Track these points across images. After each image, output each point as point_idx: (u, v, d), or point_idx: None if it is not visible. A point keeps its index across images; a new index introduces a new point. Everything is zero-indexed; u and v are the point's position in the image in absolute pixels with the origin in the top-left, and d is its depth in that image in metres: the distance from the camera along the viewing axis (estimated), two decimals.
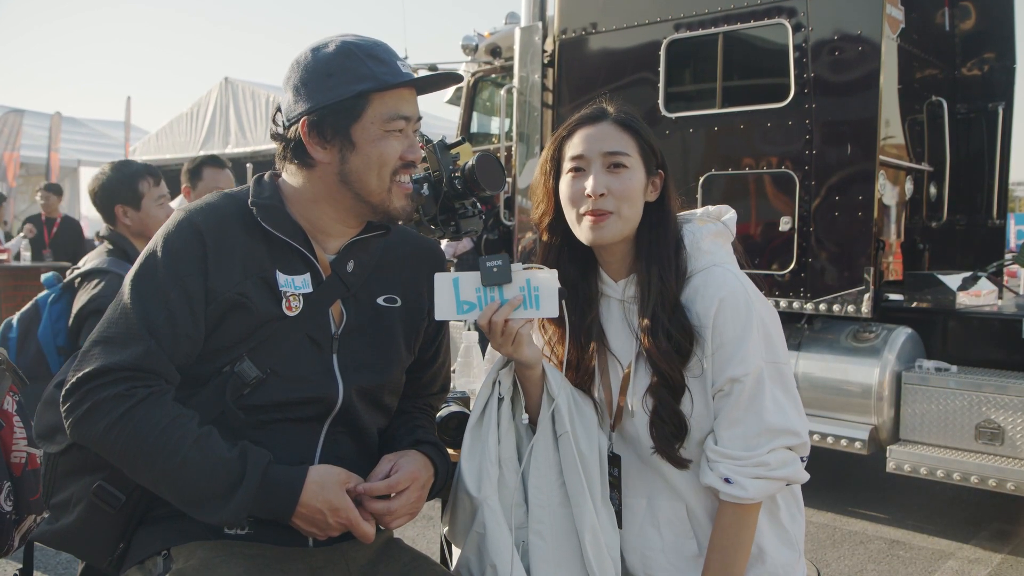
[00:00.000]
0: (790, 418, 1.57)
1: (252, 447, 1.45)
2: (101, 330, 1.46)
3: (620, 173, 1.62)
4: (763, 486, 1.56)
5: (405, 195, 1.60)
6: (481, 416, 1.66)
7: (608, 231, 1.61)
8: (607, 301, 1.73)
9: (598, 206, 1.60)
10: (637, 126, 1.66)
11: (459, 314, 1.58)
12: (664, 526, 1.67)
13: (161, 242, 1.50)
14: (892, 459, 4.17)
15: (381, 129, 1.53)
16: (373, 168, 1.54)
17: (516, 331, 1.56)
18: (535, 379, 1.65)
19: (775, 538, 1.66)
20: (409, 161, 1.58)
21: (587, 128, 1.66)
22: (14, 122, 19.40)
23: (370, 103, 1.52)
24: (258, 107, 20.85)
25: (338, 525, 1.44)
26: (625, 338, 1.69)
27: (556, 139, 1.71)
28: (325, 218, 1.60)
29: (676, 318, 1.59)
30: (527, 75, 5.52)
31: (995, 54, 5.38)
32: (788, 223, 4.46)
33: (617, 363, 1.70)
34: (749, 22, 4.64)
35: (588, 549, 1.59)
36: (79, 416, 1.40)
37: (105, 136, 27.51)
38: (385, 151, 1.54)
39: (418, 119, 1.62)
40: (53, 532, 1.55)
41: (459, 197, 2.16)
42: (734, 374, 1.56)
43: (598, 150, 1.63)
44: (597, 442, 1.66)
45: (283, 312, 1.52)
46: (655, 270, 1.62)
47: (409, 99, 1.58)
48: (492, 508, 1.59)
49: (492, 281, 1.55)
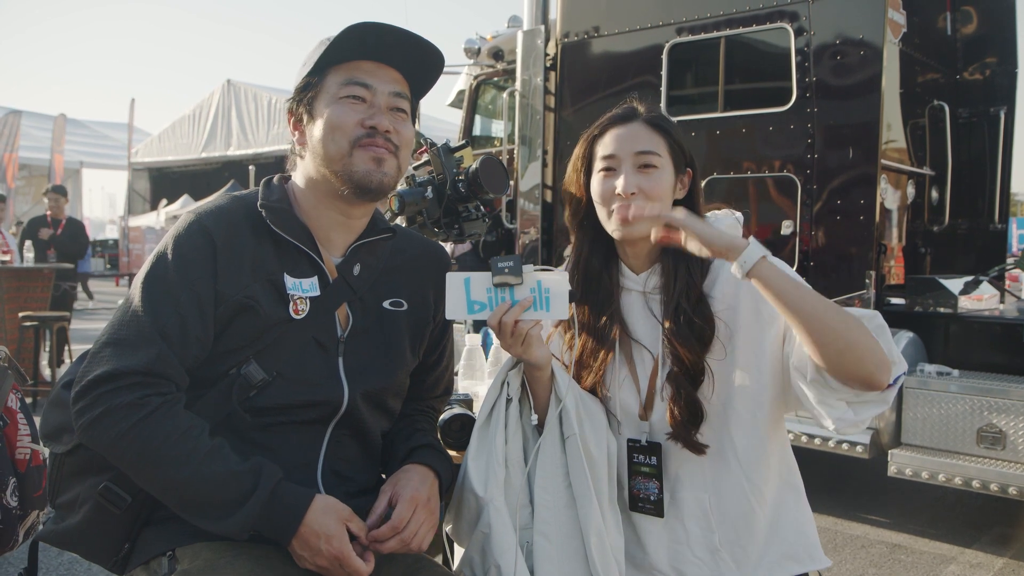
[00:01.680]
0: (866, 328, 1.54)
1: (266, 462, 1.45)
2: (111, 332, 1.46)
3: (650, 173, 1.66)
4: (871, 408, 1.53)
5: (371, 159, 1.55)
6: (489, 416, 1.67)
7: (638, 227, 1.65)
8: (628, 294, 1.76)
9: (629, 203, 1.64)
10: (667, 126, 1.70)
11: (469, 314, 1.58)
12: (688, 519, 1.68)
13: (171, 244, 1.50)
14: (893, 463, 4.16)
15: (335, 96, 1.55)
16: (329, 133, 1.55)
17: (526, 332, 1.56)
18: (544, 381, 1.66)
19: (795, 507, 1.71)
20: (370, 128, 1.55)
21: (618, 128, 1.70)
22: (13, 123, 19.45)
23: (327, 75, 1.56)
24: (260, 109, 20.91)
25: (328, 554, 1.42)
26: (651, 328, 1.72)
27: (588, 137, 1.75)
28: (322, 208, 1.60)
29: (700, 308, 1.64)
30: (529, 78, 5.54)
31: (997, 58, 5.38)
32: (790, 227, 4.46)
33: (645, 352, 1.72)
34: (751, 26, 4.65)
35: (593, 551, 1.59)
36: (90, 421, 1.40)
37: (108, 138, 27.56)
38: (337, 114, 1.54)
39: (396, 95, 1.59)
40: (58, 532, 1.55)
41: (462, 200, 2.17)
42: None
43: (629, 150, 1.67)
44: (606, 444, 1.67)
45: (290, 315, 1.53)
46: (683, 264, 1.67)
47: (371, 70, 1.57)
48: (498, 508, 1.60)
49: (503, 282, 1.56)
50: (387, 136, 1.56)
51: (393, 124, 1.58)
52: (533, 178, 5.56)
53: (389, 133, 1.57)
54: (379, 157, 1.56)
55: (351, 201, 1.59)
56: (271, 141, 20.12)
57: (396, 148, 1.59)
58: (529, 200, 5.59)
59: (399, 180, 1.65)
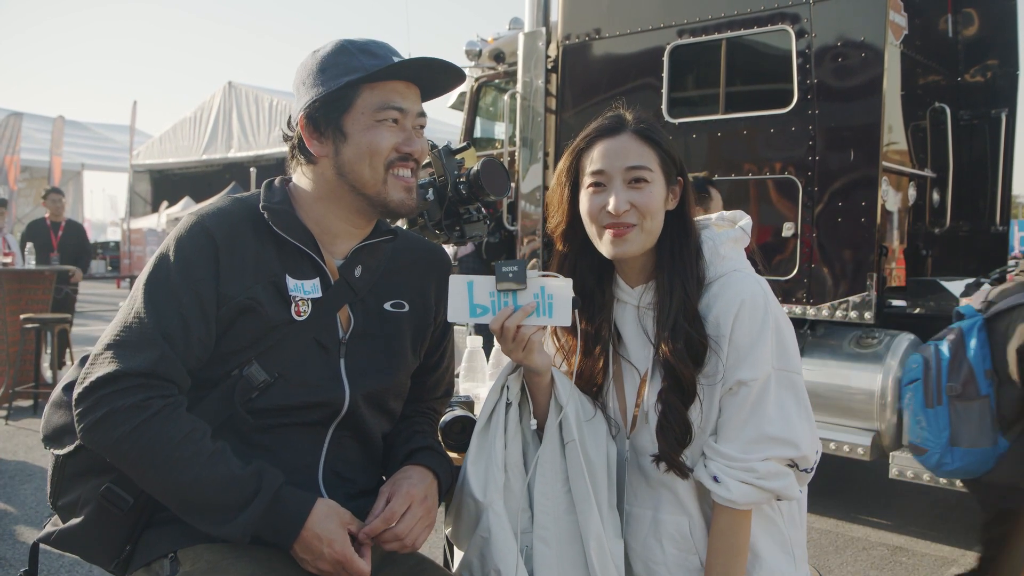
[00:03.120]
0: (793, 428, 1.55)
1: (267, 467, 1.45)
2: (113, 333, 1.46)
3: (642, 188, 1.60)
4: (749, 492, 1.54)
5: (404, 188, 1.59)
6: (488, 421, 1.66)
7: (631, 245, 1.60)
8: (622, 307, 1.72)
9: (621, 220, 1.59)
10: (656, 137, 1.63)
11: (472, 317, 1.58)
12: (667, 540, 1.65)
13: (173, 246, 1.50)
14: (895, 465, 4.16)
15: (371, 119, 1.55)
16: (365, 158, 1.55)
17: (528, 338, 1.56)
18: (544, 386, 1.65)
19: (771, 543, 1.64)
20: (405, 153, 1.58)
21: (606, 141, 1.63)
22: (14, 125, 19.45)
23: (359, 93, 1.55)
24: (261, 111, 20.93)
25: (331, 558, 1.43)
26: (641, 345, 1.68)
27: (574, 150, 1.67)
28: (332, 218, 1.61)
29: (695, 326, 1.58)
30: (531, 80, 5.54)
31: (998, 60, 5.39)
32: (791, 229, 4.46)
33: (633, 370, 1.70)
34: (752, 28, 4.65)
35: (593, 556, 1.58)
36: (92, 423, 1.40)
37: (108, 140, 27.58)
38: (375, 140, 1.55)
39: (420, 115, 1.62)
40: (59, 534, 1.54)
41: (464, 202, 2.16)
42: (743, 376, 1.55)
43: (619, 165, 1.60)
44: (605, 450, 1.66)
45: (292, 317, 1.53)
46: (677, 281, 1.61)
47: (403, 92, 1.58)
48: (497, 513, 1.59)
49: (507, 286, 1.56)
50: (415, 158, 1.60)
51: (420, 144, 1.61)
52: (534, 180, 5.56)
53: (415, 154, 1.60)
54: (408, 185, 1.60)
55: (370, 217, 1.63)
56: (272, 143, 20.13)
57: (417, 165, 1.63)
58: (530, 202, 5.59)
59: None
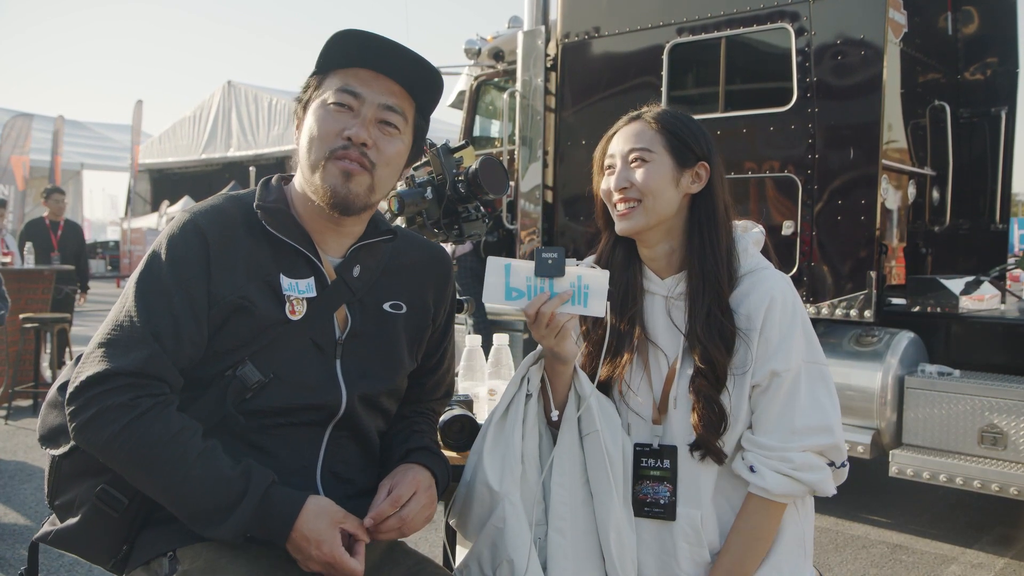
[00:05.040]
0: (828, 416, 1.65)
1: (256, 466, 1.44)
2: (105, 332, 1.44)
3: (640, 167, 1.70)
4: (784, 482, 1.60)
5: (340, 172, 1.47)
6: (506, 412, 1.67)
7: (633, 221, 1.70)
8: (651, 298, 1.77)
9: (624, 197, 1.71)
10: (668, 122, 1.73)
11: (507, 300, 1.58)
12: (678, 534, 1.67)
13: (165, 244, 1.49)
14: (895, 463, 4.16)
15: (324, 102, 1.51)
16: (307, 142, 1.51)
17: (562, 324, 1.58)
18: (566, 376, 1.67)
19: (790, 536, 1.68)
20: (347, 139, 1.47)
21: (623, 128, 1.77)
22: (22, 126, 19.41)
23: (328, 76, 1.53)
24: (260, 110, 20.93)
25: (320, 559, 1.41)
26: (671, 335, 1.73)
27: (603, 139, 1.81)
28: (314, 215, 1.56)
29: (726, 315, 1.66)
30: (530, 79, 5.53)
31: (998, 58, 5.39)
32: (791, 227, 4.46)
33: (663, 357, 1.73)
34: (752, 26, 4.65)
35: (612, 548, 1.60)
36: (83, 422, 1.39)
37: (109, 140, 27.58)
38: (318, 123, 1.48)
39: (387, 108, 1.51)
40: (57, 534, 1.54)
41: (462, 200, 2.16)
42: (776, 367, 1.63)
43: (624, 149, 1.73)
44: (621, 443, 1.68)
45: (286, 316, 1.51)
46: (710, 269, 1.69)
47: (367, 79, 1.50)
48: (514, 503, 1.60)
49: (545, 273, 1.57)
50: (363, 150, 1.49)
51: (375, 138, 1.50)
52: (533, 179, 5.56)
53: (367, 147, 1.49)
54: (348, 171, 1.48)
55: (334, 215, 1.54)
56: (272, 142, 20.13)
57: (372, 165, 1.50)
58: (529, 201, 5.59)
59: (372, 199, 1.55)
